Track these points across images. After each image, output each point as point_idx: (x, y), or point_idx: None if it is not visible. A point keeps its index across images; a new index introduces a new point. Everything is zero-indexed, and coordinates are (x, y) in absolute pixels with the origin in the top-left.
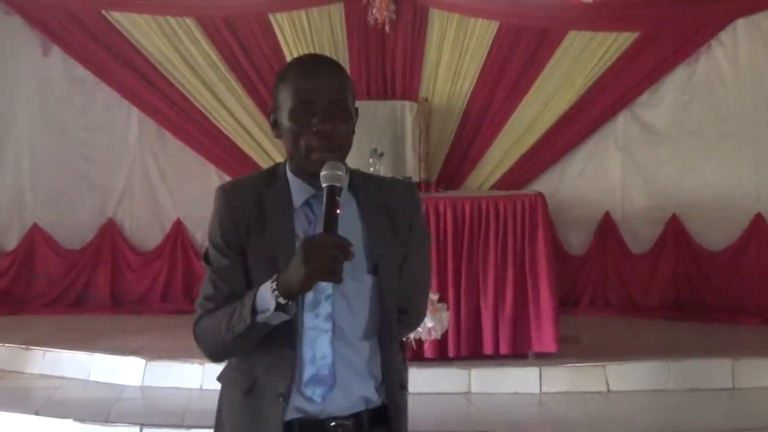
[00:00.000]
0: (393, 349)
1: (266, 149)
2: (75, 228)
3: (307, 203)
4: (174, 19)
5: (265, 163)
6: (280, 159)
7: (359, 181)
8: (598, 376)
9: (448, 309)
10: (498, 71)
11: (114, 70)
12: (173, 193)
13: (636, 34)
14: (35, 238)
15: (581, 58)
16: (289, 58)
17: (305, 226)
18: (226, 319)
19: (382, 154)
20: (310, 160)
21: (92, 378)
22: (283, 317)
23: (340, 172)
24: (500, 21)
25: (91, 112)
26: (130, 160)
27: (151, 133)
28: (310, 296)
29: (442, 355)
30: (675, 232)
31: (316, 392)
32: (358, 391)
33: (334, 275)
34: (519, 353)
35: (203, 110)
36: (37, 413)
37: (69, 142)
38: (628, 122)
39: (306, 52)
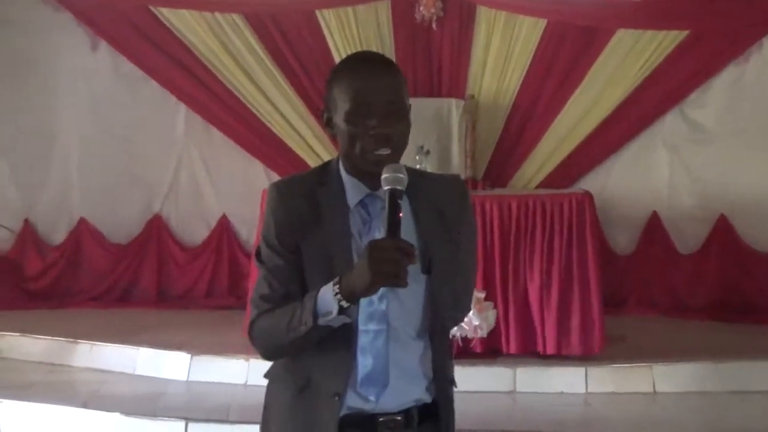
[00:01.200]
0: (444, 346)
1: (313, 146)
2: (121, 223)
3: (361, 203)
4: (221, 15)
5: (311, 161)
6: (327, 157)
7: (410, 179)
8: (645, 377)
9: (494, 307)
10: (545, 69)
11: (161, 66)
12: (219, 189)
13: (685, 33)
14: (82, 232)
15: (629, 57)
16: (335, 55)
17: (360, 225)
18: (285, 321)
19: (428, 152)
20: (368, 161)
21: (138, 372)
22: (344, 320)
23: (401, 175)
24: (548, 19)
25: (138, 107)
26: (176, 156)
27: (198, 129)
28: (366, 298)
29: (488, 353)
30: (723, 233)
31: (370, 391)
32: (409, 390)
33: (400, 280)
34: (565, 353)
35: (249, 106)
36: (84, 406)
37: (116, 138)
38: (677, 121)
39: (352, 49)
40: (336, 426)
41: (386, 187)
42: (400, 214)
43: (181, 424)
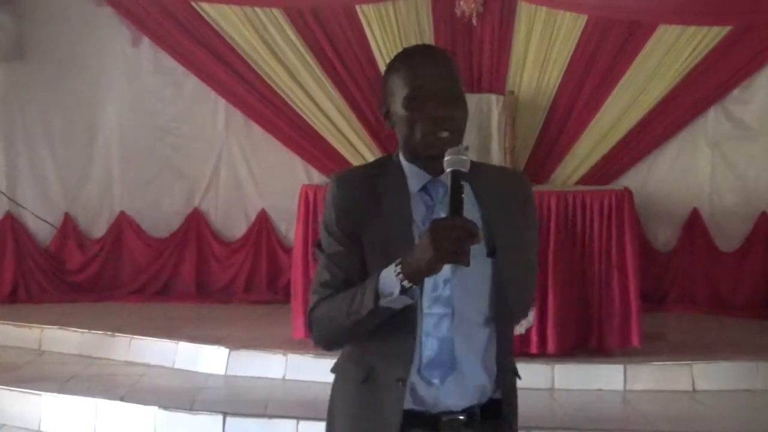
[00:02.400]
0: (508, 336)
1: (352, 141)
2: (161, 217)
3: (424, 189)
4: (261, 10)
5: (350, 156)
6: (367, 152)
7: (474, 168)
8: (685, 375)
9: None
10: (586, 65)
11: (202, 61)
12: (258, 184)
13: (728, 29)
14: (123, 226)
15: (671, 53)
16: (375, 51)
17: (423, 211)
18: (346, 304)
19: (467, 148)
20: (428, 145)
21: (177, 366)
22: (406, 301)
23: (464, 157)
24: (588, 14)
25: (179, 102)
26: (216, 151)
27: (238, 124)
28: (428, 280)
29: (526, 350)
30: (765, 230)
31: (434, 374)
32: (474, 378)
33: (463, 257)
34: (604, 350)
35: (290, 102)
36: (122, 399)
37: (157, 132)
38: (719, 118)
39: (392, 44)
40: (401, 412)
41: (449, 169)
42: (463, 195)
43: (219, 418)
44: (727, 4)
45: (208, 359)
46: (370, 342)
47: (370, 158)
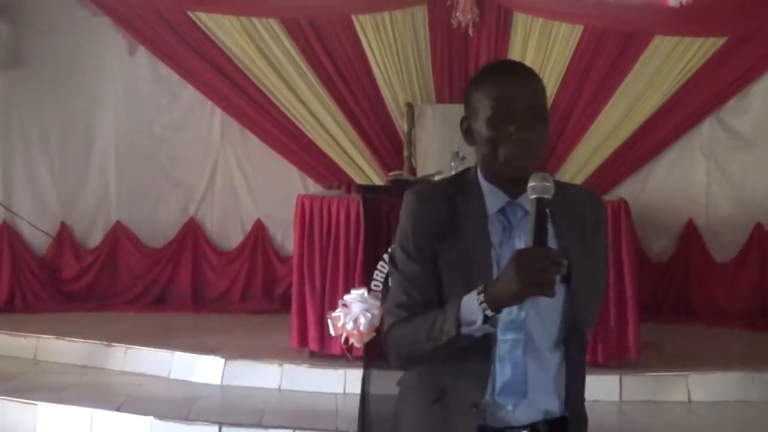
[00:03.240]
0: (580, 360)
1: (348, 152)
2: (157, 226)
3: (501, 211)
4: (258, 20)
5: (346, 166)
6: (363, 163)
7: None
8: (680, 386)
9: None
10: (582, 75)
11: (198, 70)
12: (254, 194)
13: (723, 40)
14: (118, 235)
15: (667, 63)
16: (371, 60)
17: (500, 234)
18: (425, 330)
19: (463, 158)
20: (511, 168)
21: (173, 376)
22: (488, 329)
23: (548, 184)
24: (584, 24)
25: (175, 111)
26: (212, 160)
27: (234, 133)
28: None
29: None
30: (760, 240)
31: (509, 400)
32: (542, 403)
33: (549, 289)
34: (600, 360)
35: (285, 111)
36: (118, 409)
37: (153, 141)
38: (715, 128)
39: (389, 54)
40: None
41: (533, 196)
42: (548, 224)
43: (215, 428)
44: (721, 15)
45: (203, 369)
46: (444, 363)
47: (366, 168)
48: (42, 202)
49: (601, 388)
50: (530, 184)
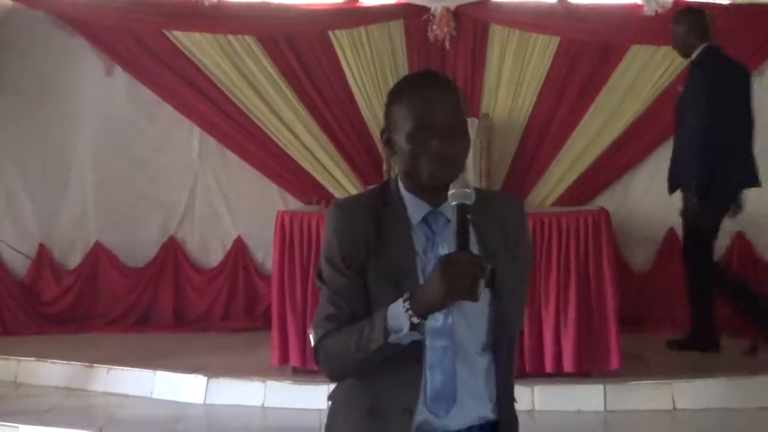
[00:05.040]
0: (508, 363)
1: (327, 168)
2: (137, 246)
3: (424, 220)
4: (235, 38)
5: (327, 182)
6: (342, 178)
7: None
8: (665, 394)
9: None
10: (560, 86)
11: (176, 90)
12: (234, 212)
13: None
14: (98, 256)
15: (645, 72)
16: (348, 75)
17: (424, 242)
18: (354, 340)
19: None
20: (432, 181)
21: (155, 396)
22: (415, 336)
23: (468, 190)
24: (561, 36)
25: (153, 131)
26: (191, 179)
27: (212, 152)
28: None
29: None
30: (740, 249)
31: (440, 407)
32: (475, 408)
33: (473, 294)
34: (583, 371)
35: (264, 128)
36: (101, 431)
37: (131, 161)
38: None
39: (365, 68)
40: None
41: (454, 203)
42: (470, 229)
43: None
44: None
45: (186, 388)
46: (376, 372)
47: (346, 184)
48: (20, 223)
49: (584, 399)
50: (450, 191)
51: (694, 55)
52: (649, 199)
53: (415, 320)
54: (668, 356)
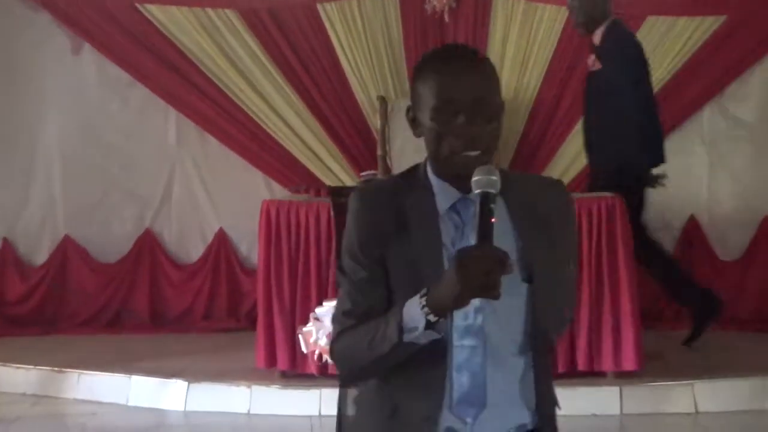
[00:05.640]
0: (548, 364)
1: (317, 153)
2: (110, 240)
3: (453, 208)
4: (214, 11)
5: (317, 169)
6: (332, 163)
7: (505, 180)
8: (685, 396)
9: None
10: (569, 62)
11: (150, 69)
12: (215, 201)
13: (722, 19)
14: (67, 251)
15: (661, 47)
16: (339, 52)
17: (452, 233)
18: (368, 338)
19: None
20: (455, 162)
21: (131, 403)
22: (433, 336)
23: (494, 177)
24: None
25: (126, 114)
26: (168, 166)
27: (191, 137)
28: (459, 310)
29: None
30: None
31: (468, 412)
32: (509, 413)
33: (492, 291)
34: (597, 371)
35: (247, 110)
36: None
37: (102, 148)
38: (715, 116)
39: (358, 45)
40: None
41: (477, 191)
42: (493, 220)
43: None
44: None
45: (165, 394)
46: (397, 375)
47: (338, 170)
48: None
49: (599, 402)
50: (474, 178)
51: (599, 31)
52: (668, 185)
53: (432, 318)
54: (689, 355)
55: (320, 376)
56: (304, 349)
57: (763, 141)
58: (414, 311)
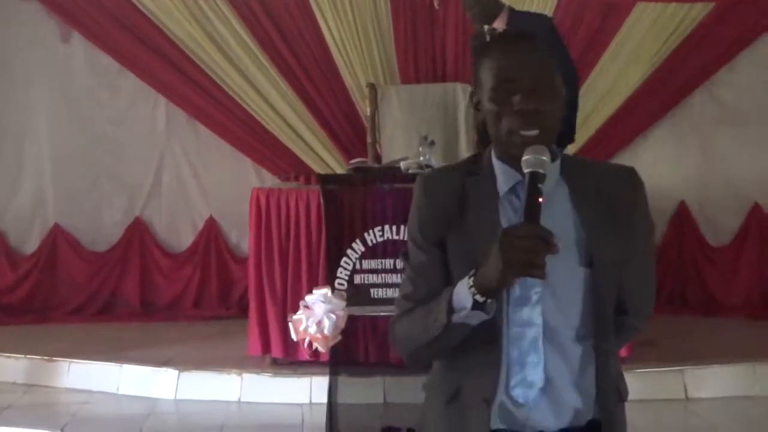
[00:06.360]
0: (610, 354)
1: (306, 140)
2: (100, 229)
3: (513, 190)
4: (204, 0)
5: (307, 157)
6: (322, 151)
7: (572, 166)
8: (676, 382)
9: None
10: None
11: (140, 58)
12: (205, 190)
13: (710, 6)
14: (57, 240)
15: (650, 33)
16: (329, 41)
17: (511, 215)
18: (422, 320)
19: (432, 143)
20: (512, 142)
21: (122, 391)
22: (482, 317)
23: (544, 157)
24: None
25: (116, 103)
26: (158, 155)
27: (181, 125)
28: (516, 292)
29: None
30: (758, 222)
31: (526, 395)
32: (567, 401)
33: (536, 269)
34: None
35: (237, 99)
36: (62, 430)
37: (92, 137)
38: (705, 102)
39: (347, 34)
40: None
41: (526, 170)
42: (541, 200)
43: None
44: None
45: (155, 383)
46: (457, 358)
47: (328, 158)
48: None
49: None
50: (524, 157)
51: (498, 22)
52: (658, 170)
53: (479, 299)
54: (679, 341)
55: (315, 361)
56: (294, 337)
57: (753, 127)
58: (462, 291)
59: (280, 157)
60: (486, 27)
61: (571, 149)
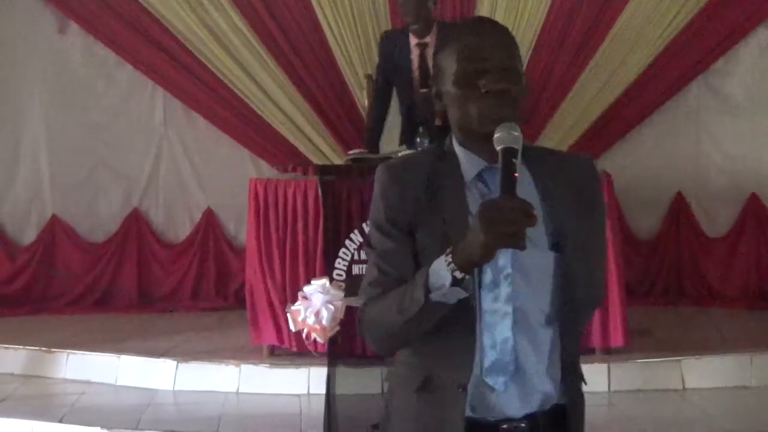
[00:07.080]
0: (575, 337)
1: (304, 130)
2: (97, 219)
3: (479, 177)
4: None
5: (305, 147)
6: (320, 141)
7: (532, 152)
8: (673, 373)
9: None
10: (557, 37)
11: (137, 48)
12: (203, 181)
13: None
14: (55, 230)
15: (650, 22)
16: (327, 32)
17: (479, 201)
18: (396, 302)
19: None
20: (483, 124)
21: (120, 382)
22: (460, 294)
23: (516, 133)
24: None
25: (113, 94)
26: (155, 145)
27: (178, 116)
28: (488, 276)
29: None
30: (755, 213)
31: (498, 381)
32: (536, 384)
33: (518, 240)
34: (585, 348)
35: (234, 89)
36: (61, 421)
37: (89, 127)
38: (703, 92)
39: (345, 24)
40: (463, 421)
41: (499, 147)
42: (516, 174)
43: None
44: None
45: (154, 374)
46: (427, 346)
47: (326, 149)
48: None
49: (587, 379)
50: (496, 135)
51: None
52: (656, 160)
53: (459, 275)
54: (676, 331)
55: (315, 352)
56: (292, 327)
57: (750, 117)
58: (440, 269)
59: (278, 148)
60: None
61: (569, 140)
